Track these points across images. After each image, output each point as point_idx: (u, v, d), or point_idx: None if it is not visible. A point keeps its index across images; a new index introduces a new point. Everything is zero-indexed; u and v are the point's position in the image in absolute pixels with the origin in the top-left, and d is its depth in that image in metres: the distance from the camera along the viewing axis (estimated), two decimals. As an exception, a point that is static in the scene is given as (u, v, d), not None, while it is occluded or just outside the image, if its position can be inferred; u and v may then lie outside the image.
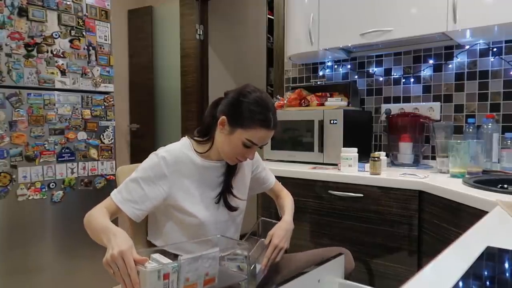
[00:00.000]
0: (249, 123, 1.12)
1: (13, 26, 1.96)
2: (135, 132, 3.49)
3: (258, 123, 1.12)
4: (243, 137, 1.13)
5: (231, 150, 1.16)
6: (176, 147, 1.21)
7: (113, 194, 1.16)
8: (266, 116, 1.13)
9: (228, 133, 1.15)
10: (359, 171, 1.79)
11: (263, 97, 1.16)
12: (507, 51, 1.88)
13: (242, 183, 1.33)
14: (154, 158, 1.16)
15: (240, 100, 1.14)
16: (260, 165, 1.42)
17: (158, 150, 1.19)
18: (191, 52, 3.15)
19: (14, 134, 1.98)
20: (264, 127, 1.13)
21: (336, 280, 1.15)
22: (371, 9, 1.93)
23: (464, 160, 1.58)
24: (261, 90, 1.19)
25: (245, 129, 1.13)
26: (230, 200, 1.27)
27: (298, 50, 2.27)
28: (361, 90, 2.33)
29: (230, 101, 1.17)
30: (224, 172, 1.26)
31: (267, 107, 1.14)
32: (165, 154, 1.16)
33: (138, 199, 1.13)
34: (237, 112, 1.14)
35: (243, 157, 1.19)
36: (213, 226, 1.23)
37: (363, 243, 1.70)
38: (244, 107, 1.13)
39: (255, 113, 1.12)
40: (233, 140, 1.15)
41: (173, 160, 1.16)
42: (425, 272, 0.61)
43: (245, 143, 1.14)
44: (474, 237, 0.80)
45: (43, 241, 2.12)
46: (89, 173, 2.29)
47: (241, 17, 3.76)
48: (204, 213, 1.20)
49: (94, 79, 2.31)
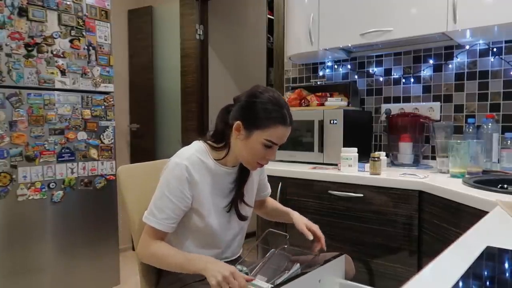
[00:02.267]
0: (266, 123, 1.10)
1: (13, 26, 1.96)
2: (135, 132, 3.49)
3: (275, 120, 1.10)
4: (261, 138, 1.11)
5: (251, 155, 1.14)
6: (192, 152, 1.17)
7: (147, 219, 1.14)
8: (281, 113, 1.11)
9: (245, 137, 1.13)
10: (359, 171, 1.79)
11: (276, 95, 1.14)
12: (507, 51, 1.88)
13: (251, 190, 1.32)
14: (177, 169, 1.13)
15: (253, 102, 1.12)
16: (264, 171, 1.42)
17: (177, 158, 1.15)
18: (191, 52, 3.15)
19: (14, 134, 1.99)
20: (282, 124, 1.11)
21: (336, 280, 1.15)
22: (371, 9, 1.93)
23: (464, 160, 1.58)
24: (272, 89, 1.17)
25: (263, 129, 1.10)
26: (241, 209, 1.26)
27: (298, 50, 2.27)
28: (361, 90, 2.33)
29: (242, 105, 1.14)
30: (236, 179, 1.24)
31: (281, 104, 1.12)
32: (186, 162, 1.13)
33: (172, 214, 1.13)
34: (251, 114, 1.11)
35: (264, 160, 1.16)
36: (223, 233, 1.23)
37: (363, 243, 1.70)
38: (258, 108, 1.11)
39: (270, 111, 1.10)
40: (251, 143, 1.12)
41: (194, 168, 1.14)
42: (425, 272, 0.61)
43: (264, 143, 1.11)
44: (474, 237, 0.80)
45: (43, 241, 2.12)
46: (89, 173, 2.30)
47: (241, 17, 3.76)
48: (216, 221, 1.20)
49: (94, 79, 2.31)
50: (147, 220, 1.14)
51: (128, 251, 3.25)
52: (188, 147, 1.21)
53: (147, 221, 1.14)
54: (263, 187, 1.43)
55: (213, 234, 1.20)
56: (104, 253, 2.39)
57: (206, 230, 1.19)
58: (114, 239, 2.44)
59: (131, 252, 3.23)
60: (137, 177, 1.36)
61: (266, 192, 1.46)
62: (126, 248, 3.25)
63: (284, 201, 1.92)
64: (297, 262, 1.28)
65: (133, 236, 1.31)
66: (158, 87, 3.43)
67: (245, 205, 1.27)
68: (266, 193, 1.46)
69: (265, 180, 1.43)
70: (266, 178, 1.45)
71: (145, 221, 1.15)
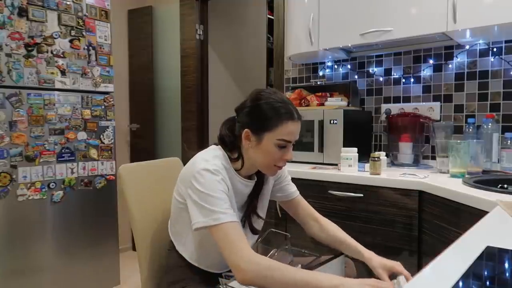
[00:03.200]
0: (274, 122, 1.07)
1: (13, 26, 1.96)
2: (135, 132, 3.49)
3: (283, 117, 1.07)
4: (273, 139, 1.08)
5: (267, 159, 1.10)
6: (218, 161, 1.10)
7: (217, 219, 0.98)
8: (287, 108, 1.08)
9: (256, 143, 1.10)
10: (359, 171, 1.79)
11: (277, 93, 1.12)
12: (507, 51, 1.88)
13: (265, 201, 1.28)
14: (210, 175, 1.04)
15: (257, 105, 1.10)
16: (284, 175, 1.34)
17: (205, 165, 1.06)
18: (191, 52, 3.15)
19: (14, 134, 1.98)
20: (290, 119, 1.08)
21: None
22: (371, 9, 1.93)
23: (464, 160, 1.58)
24: (272, 89, 1.15)
25: (272, 129, 1.07)
26: (254, 221, 1.22)
27: (298, 50, 2.27)
28: (361, 90, 2.33)
29: (247, 112, 1.11)
30: (251, 193, 1.21)
31: (284, 101, 1.10)
32: (217, 168, 1.07)
33: (227, 205, 1.03)
34: (257, 118, 1.09)
35: (281, 161, 1.12)
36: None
37: (363, 243, 1.69)
38: (263, 110, 1.08)
39: (274, 110, 1.07)
40: (264, 147, 1.09)
41: (225, 174, 1.09)
42: (425, 272, 0.61)
43: (278, 144, 1.08)
44: (474, 237, 0.80)
45: (43, 241, 2.12)
46: (89, 173, 2.30)
47: (241, 17, 3.76)
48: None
49: (94, 79, 2.31)
50: (218, 221, 0.98)
51: (128, 251, 3.25)
52: (209, 153, 1.13)
53: (219, 221, 0.98)
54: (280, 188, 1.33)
55: None
56: (104, 253, 2.39)
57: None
58: (114, 239, 2.44)
59: (131, 252, 3.23)
60: (138, 176, 1.36)
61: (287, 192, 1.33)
62: (126, 248, 3.25)
63: (284, 201, 1.92)
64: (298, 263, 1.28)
65: (134, 235, 1.31)
66: (158, 87, 3.43)
67: (257, 217, 1.24)
68: (288, 194, 1.33)
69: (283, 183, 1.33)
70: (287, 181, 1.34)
71: (216, 222, 0.98)
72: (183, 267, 1.19)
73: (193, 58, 3.14)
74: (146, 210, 1.33)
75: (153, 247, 1.31)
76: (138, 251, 1.30)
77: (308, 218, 1.33)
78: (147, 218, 1.33)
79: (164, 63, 3.39)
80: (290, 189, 1.34)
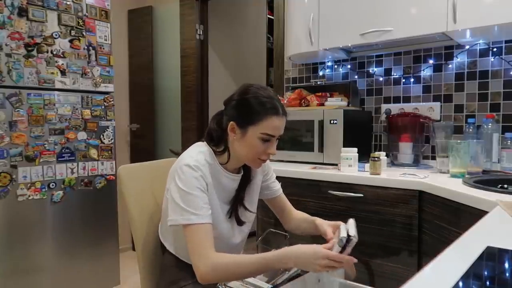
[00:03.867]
0: (258, 116, 1.10)
1: (13, 26, 1.96)
2: (135, 132, 3.49)
3: (267, 112, 1.09)
4: (257, 132, 1.10)
5: (251, 152, 1.13)
6: (201, 156, 1.14)
7: (188, 219, 1.04)
8: (272, 103, 1.11)
9: (241, 136, 1.12)
10: (359, 171, 1.79)
11: (263, 88, 1.14)
12: (507, 51, 1.88)
13: (253, 194, 1.30)
14: (190, 171, 1.09)
15: (242, 99, 1.13)
16: (270, 170, 1.38)
17: (186, 161, 1.10)
18: (191, 52, 3.15)
19: (14, 134, 1.98)
20: (274, 114, 1.10)
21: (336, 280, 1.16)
22: (371, 9, 1.93)
23: (464, 160, 1.58)
24: (260, 84, 1.17)
25: (256, 123, 1.10)
26: (241, 214, 1.24)
27: (298, 50, 2.27)
28: (361, 90, 2.33)
29: (234, 105, 1.14)
30: (238, 186, 1.23)
31: (271, 97, 1.12)
32: (198, 164, 1.10)
33: (204, 204, 1.08)
34: (243, 111, 1.12)
35: (265, 154, 1.14)
36: (228, 239, 1.21)
37: (363, 243, 1.70)
38: (248, 104, 1.11)
39: (260, 104, 1.10)
40: (248, 140, 1.12)
41: (206, 170, 1.12)
42: (425, 272, 0.61)
43: (261, 137, 1.11)
44: (474, 237, 0.80)
45: (43, 241, 2.12)
46: (89, 173, 2.30)
47: (241, 17, 3.76)
48: (220, 225, 1.18)
49: (94, 79, 2.31)
50: (188, 221, 1.04)
51: (128, 251, 3.25)
52: (194, 150, 1.17)
53: (188, 221, 1.04)
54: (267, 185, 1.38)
55: (219, 239, 1.17)
56: (104, 253, 2.39)
57: (213, 234, 1.16)
58: (114, 239, 2.44)
59: (131, 252, 3.23)
60: (138, 177, 1.36)
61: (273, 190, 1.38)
62: (126, 248, 3.25)
63: (284, 201, 1.92)
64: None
65: (133, 235, 1.31)
66: (158, 87, 3.43)
67: (244, 209, 1.25)
68: (273, 191, 1.38)
69: (270, 181, 1.38)
70: (273, 179, 1.39)
71: (186, 222, 1.04)
72: (180, 266, 1.19)
73: (193, 58, 3.14)
74: (145, 210, 1.33)
75: (152, 247, 1.31)
76: (137, 251, 1.30)
77: (290, 215, 1.40)
78: (147, 218, 1.33)
79: (164, 63, 3.39)
80: (275, 186, 1.39)
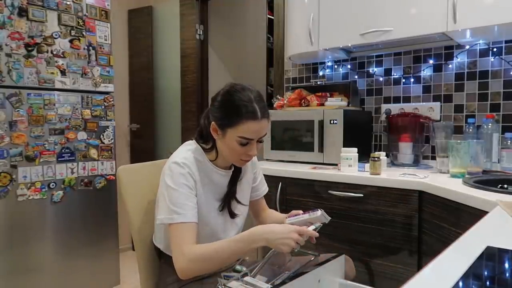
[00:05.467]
0: (235, 120, 1.09)
1: (13, 26, 1.96)
2: (135, 132, 3.48)
3: (244, 116, 1.08)
4: (235, 136, 1.10)
5: (232, 152, 1.15)
6: (189, 154, 1.17)
7: (171, 219, 1.08)
8: (249, 107, 1.08)
9: (222, 137, 1.14)
10: (359, 171, 1.79)
11: (244, 89, 1.12)
12: (507, 51, 1.88)
13: (245, 188, 1.32)
14: (178, 167, 1.12)
15: (222, 101, 1.13)
16: (258, 169, 1.40)
17: (175, 159, 1.13)
18: (191, 52, 3.15)
19: (14, 134, 1.99)
20: (251, 119, 1.08)
21: (336, 280, 1.15)
22: (371, 9, 1.93)
23: (464, 160, 1.58)
24: (241, 84, 1.15)
25: (234, 126, 1.09)
26: (234, 207, 1.26)
27: (298, 50, 2.27)
28: (361, 90, 2.33)
29: (216, 106, 1.15)
30: (229, 180, 1.25)
31: (249, 99, 1.10)
32: (185, 161, 1.13)
33: (190, 203, 1.10)
34: (222, 113, 1.12)
35: (246, 156, 1.15)
36: (222, 234, 1.23)
37: (363, 243, 1.70)
38: (226, 106, 1.11)
39: (237, 107, 1.09)
40: (228, 142, 1.13)
41: (193, 166, 1.14)
42: (425, 272, 0.61)
43: (239, 141, 1.11)
44: (474, 237, 0.80)
45: (43, 241, 2.12)
46: (89, 173, 2.30)
47: (241, 17, 3.76)
48: (213, 221, 1.20)
49: (94, 79, 2.31)
50: (171, 220, 1.08)
51: (128, 251, 3.25)
52: (183, 148, 1.20)
53: (171, 221, 1.08)
54: (255, 187, 1.40)
55: (213, 235, 1.20)
56: (104, 253, 2.39)
57: (206, 231, 1.19)
58: (114, 239, 2.44)
59: (131, 252, 3.23)
60: (137, 177, 1.36)
61: (259, 192, 1.41)
62: (126, 248, 3.25)
63: (284, 201, 1.92)
64: (297, 262, 1.28)
65: (133, 236, 1.31)
66: (158, 87, 3.43)
67: (237, 202, 1.27)
68: (259, 193, 1.42)
69: (258, 179, 1.40)
70: (260, 178, 1.42)
71: (169, 221, 1.08)
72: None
73: (193, 58, 3.14)
74: (145, 211, 1.33)
75: (152, 247, 1.31)
76: (137, 252, 1.31)
77: (265, 213, 1.43)
78: (146, 219, 1.33)
79: (164, 63, 3.39)
80: (263, 187, 1.43)
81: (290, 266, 1.17)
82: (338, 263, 1.19)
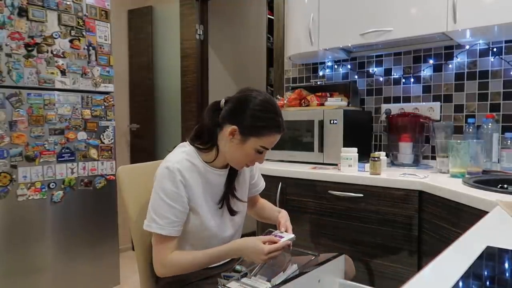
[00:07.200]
0: (263, 131, 1.13)
1: (13, 26, 1.96)
2: (135, 132, 3.48)
3: (271, 129, 1.14)
4: (257, 145, 1.14)
5: (242, 158, 1.17)
6: (182, 157, 1.16)
7: (149, 226, 1.12)
8: (277, 121, 1.15)
9: (239, 142, 1.14)
10: (359, 171, 1.79)
11: (271, 101, 1.16)
12: (507, 51, 1.88)
13: (243, 185, 1.33)
14: (169, 173, 1.12)
15: (248, 108, 1.12)
16: (255, 166, 1.40)
17: (167, 163, 1.14)
18: (191, 52, 3.15)
19: (14, 134, 1.99)
20: (277, 132, 1.15)
21: (336, 280, 1.16)
22: (371, 9, 1.93)
23: (464, 160, 1.58)
24: (264, 93, 1.17)
25: (259, 137, 1.13)
26: (233, 204, 1.26)
27: (298, 50, 2.27)
28: (361, 90, 2.33)
29: (237, 110, 1.14)
30: (226, 178, 1.25)
31: (276, 112, 1.15)
32: (177, 165, 1.12)
33: (173, 217, 1.11)
34: (248, 121, 1.12)
35: (252, 163, 1.20)
36: (221, 234, 1.23)
37: (363, 243, 1.70)
38: (255, 116, 1.12)
39: (266, 120, 1.13)
40: (245, 148, 1.14)
41: (186, 171, 1.14)
42: (425, 272, 0.61)
43: (258, 150, 1.15)
44: (474, 237, 0.80)
45: (43, 241, 2.12)
46: (89, 173, 2.30)
47: (241, 17, 3.76)
48: (212, 221, 1.20)
49: (94, 79, 2.31)
50: (149, 228, 1.12)
51: (128, 251, 3.25)
52: (176, 151, 1.20)
53: (149, 228, 1.12)
54: (254, 183, 1.42)
55: (211, 235, 1.20)
56: (104, 253, 2.39)
57: (204, 232, 1.19)
58: (114, 239, 2.44)
59: (131, 252, 3.23)
60: (137, 178, 1.36)
61: (257, 188, 1.44)
62: (126, 248, 3.25)
63: (284, 201, 1.92)
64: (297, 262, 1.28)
65: (132, 236, 1.31)
66: (158, 87, 3.43)
67: (237, 200, 1.28)
68: (258, 189, 1.44)
69: (256, 175, 1.42)
70: (258, 174, 1.44)
71: (147, 228, 1.12)
72: None
73: (193, 58, 3.14)
74: (144, 211, 1.32)
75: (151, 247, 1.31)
76: (137, 252, 1.30)
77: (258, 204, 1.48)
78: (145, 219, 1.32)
79: (164, 63, 3.39)
80: (260, 183, 1.45)
81: (289, 266, 1.17)
82: (338, 263, 1.19)
